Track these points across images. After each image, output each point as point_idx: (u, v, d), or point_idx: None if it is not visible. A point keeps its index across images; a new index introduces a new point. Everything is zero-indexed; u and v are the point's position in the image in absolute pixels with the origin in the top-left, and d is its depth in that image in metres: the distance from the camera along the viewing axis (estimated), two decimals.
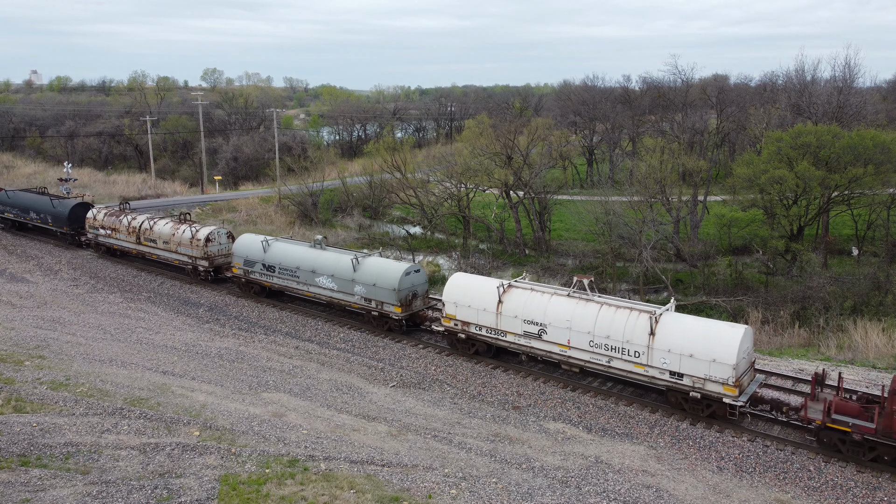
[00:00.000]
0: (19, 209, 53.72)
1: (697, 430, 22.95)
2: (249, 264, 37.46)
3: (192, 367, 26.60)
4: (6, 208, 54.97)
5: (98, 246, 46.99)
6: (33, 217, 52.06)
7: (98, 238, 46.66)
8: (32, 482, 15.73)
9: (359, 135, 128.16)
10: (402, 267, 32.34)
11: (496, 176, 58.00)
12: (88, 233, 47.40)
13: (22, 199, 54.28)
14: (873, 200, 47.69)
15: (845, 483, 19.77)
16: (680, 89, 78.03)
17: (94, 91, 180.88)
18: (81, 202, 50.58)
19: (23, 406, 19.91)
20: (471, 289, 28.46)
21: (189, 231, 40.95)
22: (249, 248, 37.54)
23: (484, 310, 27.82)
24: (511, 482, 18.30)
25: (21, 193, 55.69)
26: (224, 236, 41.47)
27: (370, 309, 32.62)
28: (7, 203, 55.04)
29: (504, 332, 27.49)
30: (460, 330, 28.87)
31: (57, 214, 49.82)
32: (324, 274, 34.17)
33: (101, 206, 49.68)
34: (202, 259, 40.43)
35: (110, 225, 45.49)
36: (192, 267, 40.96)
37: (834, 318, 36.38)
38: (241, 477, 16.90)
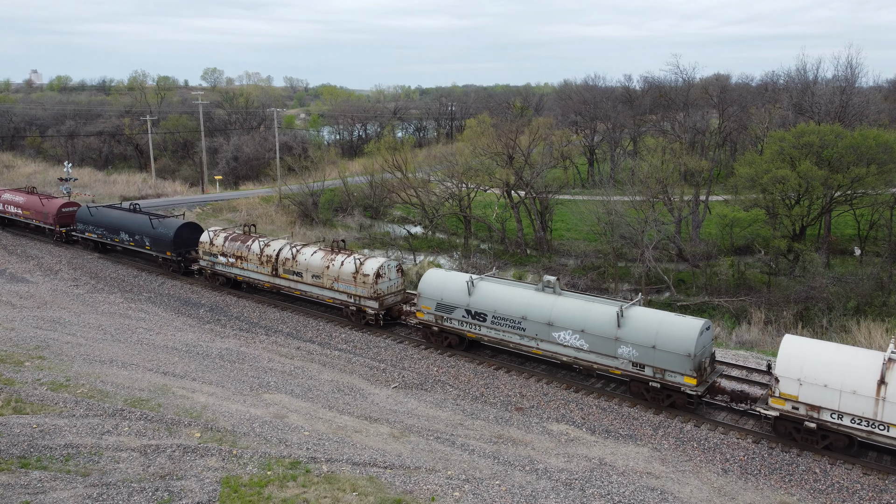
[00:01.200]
0: (106, 228, 45.41)
1: (702, 432, 22.81)
2: (445, 309, 29.51)
3: (192, 367, 26.46)
4: (87, 227, 46.70)
5: (214, 276, 39.71)
6: (124, 239, 44.18)
7: (215, 267, 39.22)
8: (32, 484, 15.59)
9: (359, 134, 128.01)
10: (697, 325, 23.98)
11: (497, 175, 57.87)
12: (202, 260, 40.02)
13: (109, 217, 45.72)
14: (876, 200, 47.57)
15: (851, 485, 19.63)
16: (681, 89, 77.89)
17: (94, 91, 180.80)
18: (189, 222, 43.03)
19: (23, 407, 19.77)
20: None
21: (352, 263, 33.30)
22: (445, 287, 29.72)
23: None
24: (514, 484, 18.16)
25: (109, 210, 47.03)
26: (394, 270, 34.00)
27: (642, 377, 24.70)
28: (89, 221, 46.65)
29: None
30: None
31: (158, 237, 42.04)
32: (567, 328, 26.11)
33: (216, 227, 41.52)
34: (370, 299, 32.56)
35: (234, 252, 38.09)
36: (356, 308, 33.16)
37: (837, 319, 36.25)
38: (242, 479, 16.76)
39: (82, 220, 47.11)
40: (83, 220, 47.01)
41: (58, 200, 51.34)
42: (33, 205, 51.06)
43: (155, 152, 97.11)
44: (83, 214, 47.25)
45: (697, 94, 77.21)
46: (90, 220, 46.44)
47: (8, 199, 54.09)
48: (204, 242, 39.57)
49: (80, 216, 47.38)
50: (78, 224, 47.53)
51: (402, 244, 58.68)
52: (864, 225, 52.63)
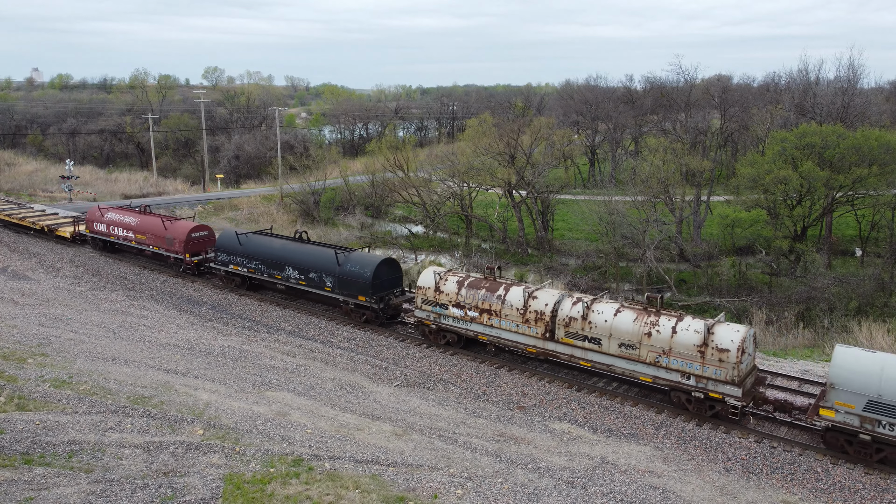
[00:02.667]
0: (263, 261, 36.17)
1: (704, 431, 22.83)
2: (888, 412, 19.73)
3: (195, 365, 26.49)
4: (233, 258, 37.55)
5: (440, 333, 29.76)
6: (291, 276, 34.97)
7: (442, 321, 29.23)
8: (36, 480, 15.63)
9: (360, 134, 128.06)
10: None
11: (499, 175, 57.90)
12: (419, 310, 30.16)
13: (269, 248, 36.38)
14: (877, 201, 47.60)
15: (853, 485, 19.64)
16: (683, 89, 77.91)
17: (95, 89, 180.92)
18: (389, 258, 33.83)
19: (26, 404, 19.81)
20: None
21: (692, 331, 23.23)
22: (887, 376, 19.87)
23: None
24: (517, 482, 18.18)
25: (267, 238, 37.67)
26: (752, 340, 23.70)
27: None
28: (235, 251, 37.31)
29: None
30: None
31: (348, 277, 32.49)
32: None
33: (439, 269, 31.00)
34: (728, 383, 22.55)
35: (475, 302, 28.14)
36: (702, 396, 23.19)
37: (839, 320, 36.25)
38: (245, 476, 16.79)
39: (226, 248, 37.92)
40: (227, 248, 37.82)
41: (185, 223, 42.00)
42: (151, 227, 42.31)
43: (156, 151, 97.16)
44: (227, 242, 37.97)
45: (699, 95, 77.24)
46: (236, 250, 37.23)
47: (114, 220, 44.75)
48: (425, 287, 29.73)
49: (223, 244, 38.22)
50: (219, 254, 38.24)
51: (404, 243, 58.73)
52: (865, 225, 52.65)
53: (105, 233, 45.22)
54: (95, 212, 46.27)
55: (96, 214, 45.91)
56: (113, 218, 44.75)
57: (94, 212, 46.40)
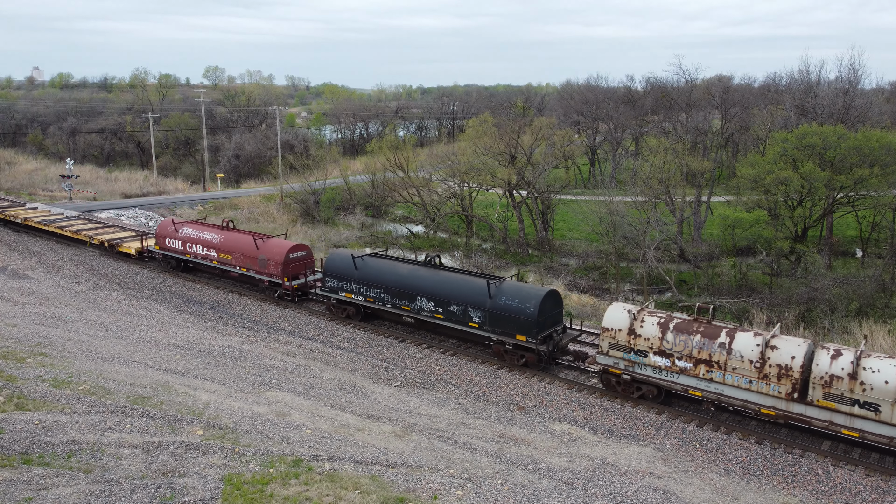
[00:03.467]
0: (387, 290, 31.06)
1: (704, 433, 22.79)
2: None
3: (194, 365, 26.45)
4: (347, 284, 32.42)
5: (632, 385, 24.70)
6: (424, 307, 29.76)
7: (637, 370, 24.19)
8: (35, 480, 15.58)
9: (361, 133, 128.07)
10: None
11: (499, 175, 57.86)
12: (607, 355, 24.76)
13: (397, 274, 31.01)
14: (878, 202, 47.55)
15: (854, 487, 19.60)
16: (684, 89, 77.91)
17: (95, 88, 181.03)
18: (552, 290, 28.24)
19: (25, 404, 19.75)
20: None
21: None
22: None
23: None
24: (517, 483, 18.14)
25: (391, 263, 32.14)
26: None
27: None
28: (348, 276, 32.25)
29: None
30: None
31: (503, 311, 27.37)
32: None
33: (630, 306, 25.04)
34: None
35: (687, 350, 23.12)
36: None
37: (839, 320, 36.21)
38: (244, 476, 16.75)
39: (337, 272, 32.65)
40: (338, 272, 32.60)
41: (281, 242, 36.81)
42: (240, 246, 37.35)
43: (156, 150, 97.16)
44: (339, 265, 32.63)
45: (700, 95, 77.24)
46: (350, 275, 32.09)
47: (190, 236, 39.59)
48: (614, 328, 24.39)
49: (334, 267, 32.76)
50: (327, 279, 33.02)
51: (404, 243, 58.69)
52: (865, 226, 52.61)
53: (180, 250, 40.26)
54: (168, 226, 41.19)
55: (169, 229, 40.92)
56: (190, 234, 39.64)
57: (167, 226, 41.36)
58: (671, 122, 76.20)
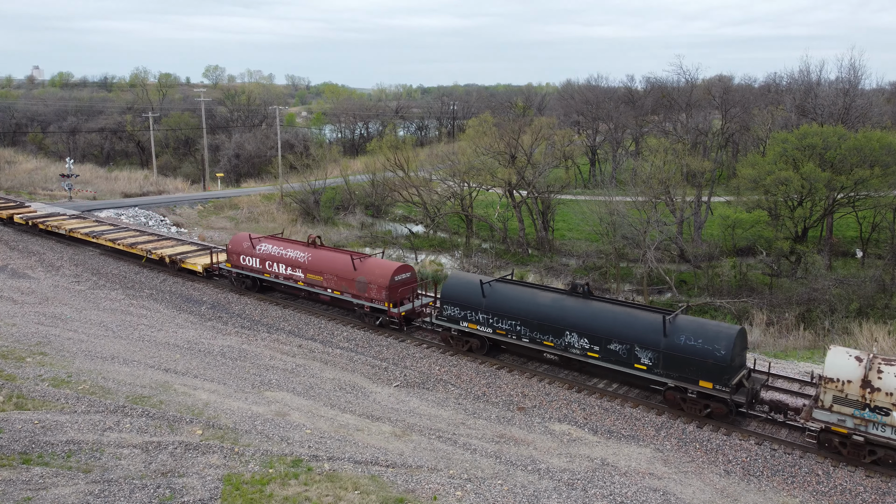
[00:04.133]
0: (523, 321, 26.75)
1: (704, 433, 22.77)
2: None
3: (194, 364, 26.42)
4: (469, 313, 28.17)
5: (865, 448, 20.41)
6: (575, 344, 25.60)
7: (872, 430, 19.99)
8: (34, 480, 15.56)
9: (361, 133, 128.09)
10: None
11: (499, 175, 57.84)
12: (829, 411, 20.51)
13: (537, 304, 26.70)
14: (878, 202, 47.54)
15: (854, 488, 19.58)
16: (684, 89, 77.89)
17: (95, 87, 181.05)
18: (741, 328, 24.02)
19: (24, 403, 19.73)
20: None
21: None
22: None
23: None
24: (517, 484, 18.12)
25: (532, 292, 27.62)
26: None
27: None
28: (477, 305, 27.96)
29: None
30: None
31: (684, 353, 23.20)
32: None
33: (862, 353, 20.95)
34: None
35: None
36: None
37: (839, 321, 36.20)
38: (244, 477, 16.73)
39: (458, 299, 28.42)
40: (460, 299, 28.37)
41: (384, 262, 32.63)
42: (333, 266, 33.18)
43: (156, 149, 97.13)
44: (461, 291, 28.47)
45: (700, 95, 77.19)
46: (476, 303, 27.93)
47: (271, 253, 35.53)
48: (841, 379, 20.34)
49: (455, 293, 28.60)
50: (446, 306, 28.90)
51: (404, 243, 58.67)
52: (866, 227, 52.60)
53: (257, 269, 36.14)
54: (243, 241, 36.92)
55: (244, 245, 36.70)
56: (270, 251, 35.65)
57: (241, 241, 37.05)
58: (671, 122, 76.18)
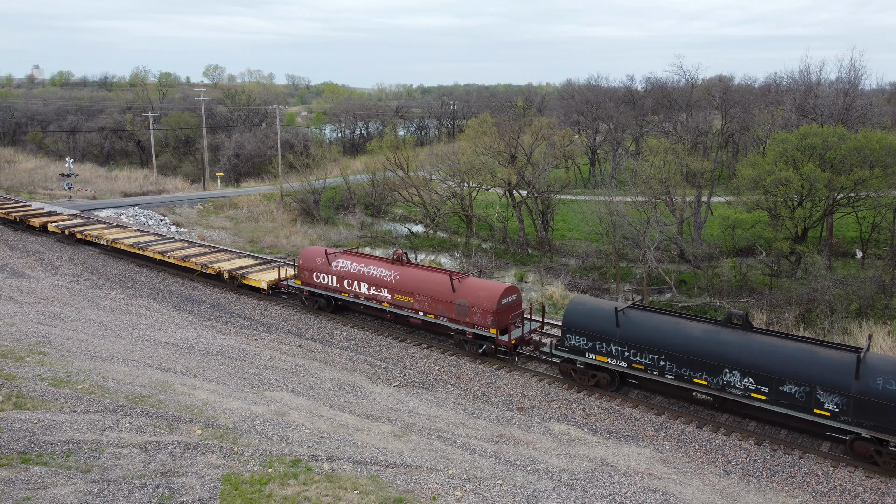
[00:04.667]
0: (667, 355, 23.74)
1: (704, 434, 22.76)
2: None
3: (193, 364, 26.41)
4: (599, 344, 25.14)
5: None
6: (736, 384, 22.61)
7: None
8: (33, 480, 15.55)
9: (361, 133, 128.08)
10: None
11: (499, 175, 57.81)
12: None
13: (685, 336, 23.69)
14: (878, 203, 47.50)
15: (854, 488, 19.58)
16: (684, 90, 77.88)
17: (95, 86, 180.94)
18: None
19: (23, 403, 19.72)
20: None
21: None
22: None
23: None
24: (516, 484, 18.12)
25: (676, 321, 24.43)
26: None
27: None
28: (609, 335, 24.91)
29: None
30: None
31: (887, 400, 19.90)
32: None
33: None
34: None
35: None
36: None
37: (839, 321, 36.17)
38: (243, 476, 16.71)
39: (585, 327, 25.39)
40: (587, 327, 25.35)
41: (487, 284, 29.11)
42: (426, 286, 29.89)
43: (156, 149, 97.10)
44: (589, 318, 25.43)
45: (700, 95, 77.18)
46: (608, 332, 24.91)
47: (350, 271, 32.18)
48: None
49: (581, 319, 25.54)
50: (569, 335, 25.76)
51: (404, 243, 58.63)
52: (866, 227, 52.57)
53: (333, 288, 32.79)
54: (316, 257, 33.44)
55: (317, 261, 33.27)
56: (349, 268, 32.17)
57: (314, 257, 33.56)
58: (671, 122, 76.17)
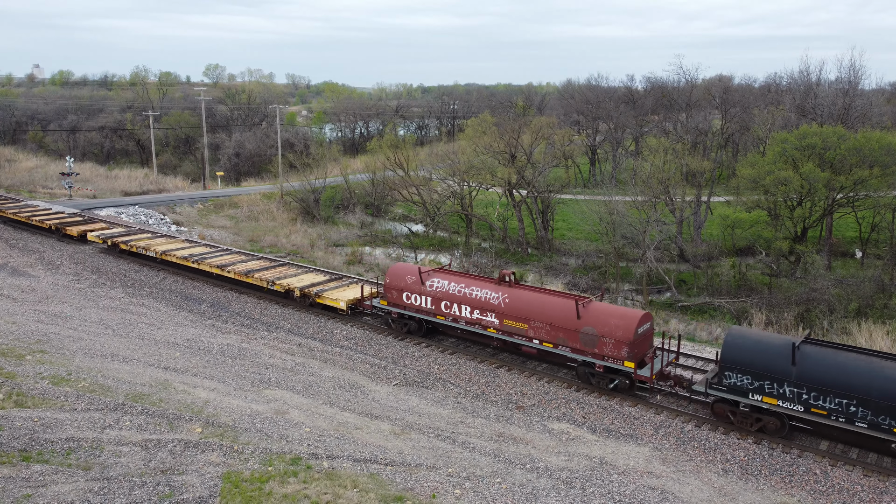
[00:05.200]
0: (861, 400, 20.25)
1: (702, 432, 22.81)
2: None
3: (193, 363, 26.47)
4: (768, 385, 21.77)
5: None
6: None
7: None
8: (34, 477, 15.61)
9: (361, 132, 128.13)
10: None
11: (499, 174, 57.87)
12: None
13: (888, 378, 20.02)
14: (877, 203, 47.55)
15: (852, 487, 19.63)
16: (684, 89, 77.95)
17: (96, 86, 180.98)
18: None
19: (24, 401, 19.78)
20: None
21: None
22: None
23: None
24: (515, 482, 18.17)
25: (872, 360, 20.83)
26: None
27: None
28: (782, 373, 21.55)
29: None
30: None
31: None
32: None
33: None
34: None
35: None
36: None
37: (838, 321, 36.22)
38: (243, 474, 16.77)
39: (754, 365, 22.02)
40: (757, 365, 21.96)
41: (619, 311, 25.83)
42: (546, 312, 26.43)
43: (156, 148, 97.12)
44: (761, 355, 22.02)
45: (700, 95, 77.25)
46: (783, 372, 21.55)
47: (449, 292, 28.44)
48: None
49: (749, 357, 22.17)
50: (729, 373, 22.39)
51: (404, 242, 58.67)
52: (865, 227, 52.62)
53: (427, 310, 29.00)
54: (406, 275, 29.62)
55: (407, 280, 29.44)
56: (447, 288, 28.48)
57: (404, 275, 29.75)
58: (671, 122, 76.22)
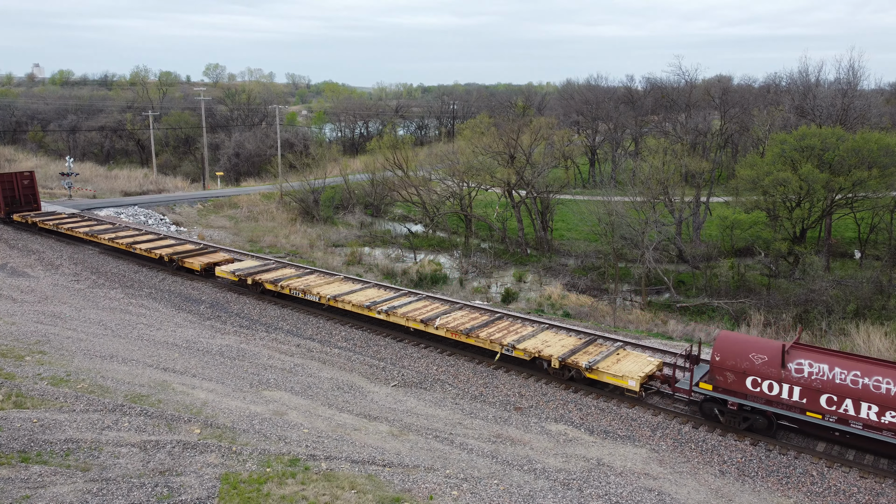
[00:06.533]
0: None
1: (700, 434, 22.87)
2: None
3: (192, 364, 26.51)
4: None
5: None
6: None
7: None
8: (32, 478, 15.66)
9: (361, 132, 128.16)
10: None
11: (499, 175, 57.93)
12: None
13: None
14: (876, 204, 47.62)
15: (848, 488, 19.68)
16: (683, 90, 78.01)
17: (96, 85, 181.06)
18: None
19: (23, 401, 19.83)
20: None
21: None
22: None
23: None
24: (513, 484, 18.22)
25: None
26: None
27: None
28: None
29: None
30: None
31: None
32: None
33: None
34: None
35: None
36: None
37: (837, 322, 36.29)
38: (241, 476, 16.82)
39: None
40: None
41: None
42: None
43: (156, 148, 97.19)
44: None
45: (699, 96, 77.35)
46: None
47: (828, 381, 20.27)
48: None
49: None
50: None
51: (403, 242, 58.72)
52: (864, 228, 52.68)
53: (791, 404, 21.16)
54: (754, 351, 21.86)
55: (756, 360, 21.70)
56: (828, 376, 20.45)
57: (748, 351, 21.97)
58: (671, 122, 76.28)
